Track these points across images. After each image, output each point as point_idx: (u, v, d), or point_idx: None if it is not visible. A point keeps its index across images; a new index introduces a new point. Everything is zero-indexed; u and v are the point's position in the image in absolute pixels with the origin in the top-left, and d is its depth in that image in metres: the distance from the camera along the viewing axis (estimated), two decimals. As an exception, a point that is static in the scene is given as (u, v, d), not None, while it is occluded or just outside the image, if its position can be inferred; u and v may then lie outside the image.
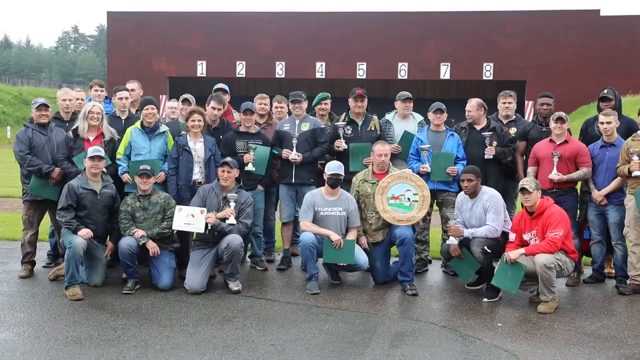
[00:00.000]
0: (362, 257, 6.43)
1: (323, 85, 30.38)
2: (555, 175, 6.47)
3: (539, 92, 7.63)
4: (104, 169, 6.36)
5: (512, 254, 5.84)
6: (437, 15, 37.29)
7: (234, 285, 6.23)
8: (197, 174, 6.70)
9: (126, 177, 6.62)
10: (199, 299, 5.99)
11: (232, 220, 6.24)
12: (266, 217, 7.45)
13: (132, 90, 7.66)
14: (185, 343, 4.81)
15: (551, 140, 6.64)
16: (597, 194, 6.54)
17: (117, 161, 6.68)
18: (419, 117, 7.47)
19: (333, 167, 6.49)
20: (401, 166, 6.95)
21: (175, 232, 6.46)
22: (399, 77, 34.77)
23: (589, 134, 6.98)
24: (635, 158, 6.13)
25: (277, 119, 7.63)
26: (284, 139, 7.08)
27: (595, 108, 7.23)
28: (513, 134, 7.20)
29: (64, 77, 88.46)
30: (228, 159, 6.42)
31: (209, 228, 6.22)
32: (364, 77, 34.58)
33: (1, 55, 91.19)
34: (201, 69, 36.48)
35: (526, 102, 30.63)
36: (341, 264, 6.43)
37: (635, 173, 6.13)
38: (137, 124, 6.78)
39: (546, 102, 7.20)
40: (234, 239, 6.16)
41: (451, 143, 6.92)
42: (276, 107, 7.78)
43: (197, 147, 6.68)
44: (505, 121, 7.44)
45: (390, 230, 6.58)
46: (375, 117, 7.28)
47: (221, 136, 7.04)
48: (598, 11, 34.58)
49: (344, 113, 7.38)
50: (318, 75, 35.75)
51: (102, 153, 6.23)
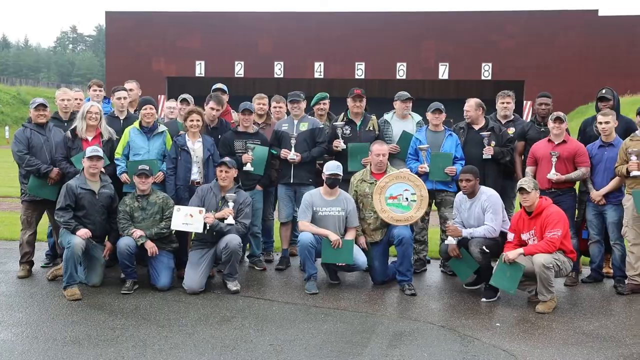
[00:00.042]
0: (361, 257, 6.43)
1: (322, 85, 30.35)
2: (553, 175, 6.47)
3: (538, 92, 7.64)
4: (103, 169, 6.35)
5: (511, 254, 5.84)
6: (437, 15, 37.23)
7: (233, 285, 6.23)
8: (196, 174, 6.70)
9: (124, 177, 6.61)
10: (198, 299, 5.99)
11: (231, 220, 6.24)
12: (265, 217, 7.45)
13: (131, 90, 7.66)
14: (183, 343, 4.81)
15: (549, 140, 6.65)
16: (596, 194, 6.54)
17: (116, 161, 6.67)
18: (418, 117, 7.47)
19: (331, 167, 6.49)
20: (400, 166, 6.94)
21: (173, 232, 6.45)
22: (398, 77, 34.73)
23: (588, 134, 6.99)
24: (633, 158, 6.14)
25: (276, 119, 7.63)
26: (283, 139, 7.07)
27: (593, 108, 7.24)
28: (511, 134, 7.21)
29: (63, 77, 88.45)
30: (226, 159, 6.42)
31: (208, 228, 6.21)
32: (363, 77, 34.53)
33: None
34: (200, 69, 36.44)
35: (525, 102, 30.62)
36: (340, 264, 6.42)
37: (633, 173, 6.13)
38: (136, 124, 6.77)
39: (545, 102, 7.21)
40: (233, 239, 6.16)
41: (450, 143, 6.92)
42: (275, 107, 7.78)
43: (196, 147, 6.68)
44: (503, 121, 7.46)
45: (388, 230, 6.59)
46: (373, 117, 7.28)
47: (220, 136, 7.03)
48: (596, 11, 34.59)
49: (343, 113, 7.38)
50: (317, 75, 35.69)
51: (101, 153, 6.22)
